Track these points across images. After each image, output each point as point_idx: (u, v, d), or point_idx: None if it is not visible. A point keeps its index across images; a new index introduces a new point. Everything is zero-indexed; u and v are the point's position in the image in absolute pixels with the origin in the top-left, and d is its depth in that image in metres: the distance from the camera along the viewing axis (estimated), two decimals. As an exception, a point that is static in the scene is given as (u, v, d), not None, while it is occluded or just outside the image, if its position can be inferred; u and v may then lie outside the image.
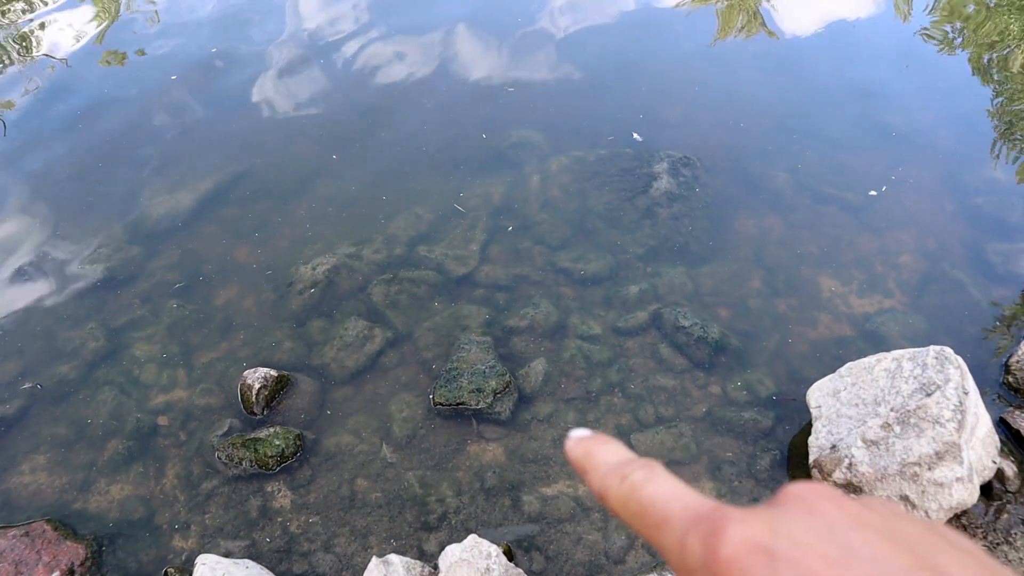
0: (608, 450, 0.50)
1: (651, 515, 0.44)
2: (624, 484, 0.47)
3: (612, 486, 0.47)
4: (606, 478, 0.48)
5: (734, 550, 0.39)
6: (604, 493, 0.48)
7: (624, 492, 0.46)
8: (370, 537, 3.16)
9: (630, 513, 0.46)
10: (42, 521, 3.23)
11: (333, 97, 5.70)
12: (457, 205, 4.60)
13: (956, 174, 4.66)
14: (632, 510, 0.46)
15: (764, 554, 0.39)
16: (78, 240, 4.59)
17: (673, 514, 0.44)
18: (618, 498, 0.47)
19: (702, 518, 0.42)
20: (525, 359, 3.78)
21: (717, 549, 0.40)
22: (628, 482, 0.46)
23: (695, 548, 0.41)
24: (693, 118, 5.24)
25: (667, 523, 0.44)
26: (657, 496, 0.45)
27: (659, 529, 0.44)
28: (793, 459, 3.30)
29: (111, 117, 5.63)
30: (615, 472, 0.48)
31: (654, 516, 0.44)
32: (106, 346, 3.97)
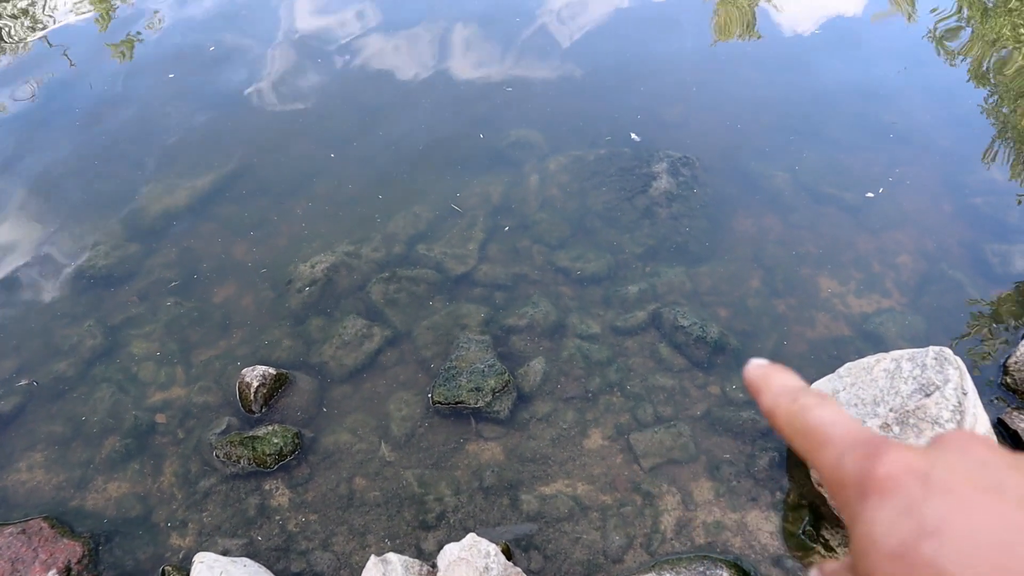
0: (786, 376, 0.53)
1: (815, 435, 0.47)
2: (794, 404, 0.50)
3: (783, 404, 0.50)
4: (779, 397, 0.51)
5: (890, 469, 0.42)
6: (774, 410, 0.51)
7: (793, 411, 0.49)
8: (368, 536, 3.16)
9: (794, 430, 0.49)
10: (39, 519, 3.22)
11: (332, 95, 5.69)
12: (454, 205, 4.60)
13: (954, 174, 4.67)
14: (797, 428, 0.49)
15: (919, 476, 0.41)
16: (76, 237, 4.58)
17: (836, 436, 0.46)
18: (787, 415, 0.50)
19: (863, 442, 0.45)
20: (524, 358, 3.78)
21: (874, 468, 0.43)
22: (799, 403, 0.50)
23: (852, 466, 0.44)
24: (692, 118, 5.24)
25: (829, 443, 0.46)
26: (824, 419, 0.48)
27: (820, 448, 0.47)
28: (792, 459, 3.30)
29: (109, 114, 5.61)
30: (788, 393, 0.51)
31: (818, 436, 0.47)
32: (104, 344, 3.97)
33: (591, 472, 3.33)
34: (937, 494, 0.40)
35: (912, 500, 0.40)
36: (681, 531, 3.11)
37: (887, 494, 0.41)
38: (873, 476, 0.42)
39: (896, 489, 0.41)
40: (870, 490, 0.42)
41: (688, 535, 3.10)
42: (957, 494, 0.39)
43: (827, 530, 3.05)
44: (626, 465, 3.35)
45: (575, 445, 3.43)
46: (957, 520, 0.38)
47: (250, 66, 6.04)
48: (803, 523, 3.08)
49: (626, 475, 3.31)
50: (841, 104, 5.30)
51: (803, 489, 3.18)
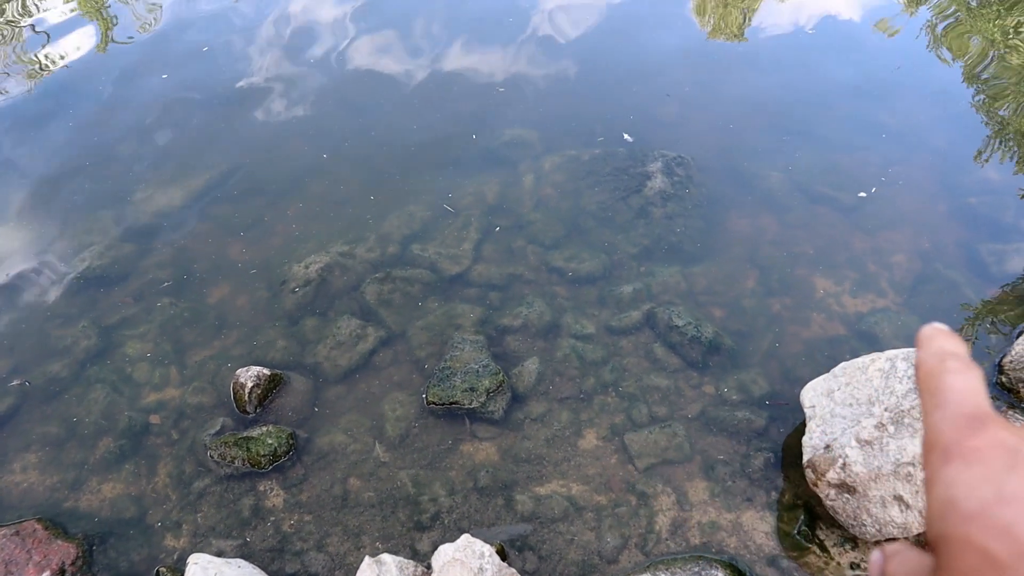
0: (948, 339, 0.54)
1: (940, 395, 0.49)
2: (939, 364, 0.51)
3: (930, 361, 0.52)
4: (931, 355, 0.53)
5: (982, 442, 0.44)
6: (921, 364, 0.53)
7: (933, 369, 0.51)
8: (363, 536, 3.15)
9: (926, 386, 0.51)
10: (33, 520, 3.21)
11: (326, 95, 5.68)
12: (447, 205, 4.59)
13: (949, 174, 4.67)
14: (928, 385, 0.51)
15: (1007, 451, 0.42)
16: (70, 237, 4.57)
17: (955, 401, 0.48)
18: (927, 371, 0.52)
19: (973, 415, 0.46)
20: (518, 358, 3.77)
21: (968, 438, 0.44)
22: (943, 365, 0.51)
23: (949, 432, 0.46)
24: (687, 117, 5.24)
25: (942, 407, 0.48)
26: (955, 385, 0.49)
27: (934, 408, 0.49)
28: (786, 459, 3.30)
29: (103, 115, 5.60)
30: (940, 354, 0.52)
31: (941, 397, 0.49)
32: (98, 344, 3.95)
33: (586, 472, 3.33)
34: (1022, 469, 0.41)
35: (996, 470, 0.42)
36: (676, 531, 3.11)
37: (972, 461, 0.43)
38: (963, 444, 0.44)
39: (982, 458, 0.42)
40: (954, 455, 0.44)
41: (683, 535, 3.10)
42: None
43: (822, 530, 3.05)
44: (621, 465, 3.35)
45: (570, 445, 3.43)
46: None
47: (244, 67, 6.03)
48: (798, 523, 3.08)
49: (621, 475, 3.31)
50: (835, 103, 5.30)
51: (798, 489, 3.18)
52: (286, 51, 6.19)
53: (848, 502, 2.91)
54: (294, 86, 5.78)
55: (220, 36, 6.45)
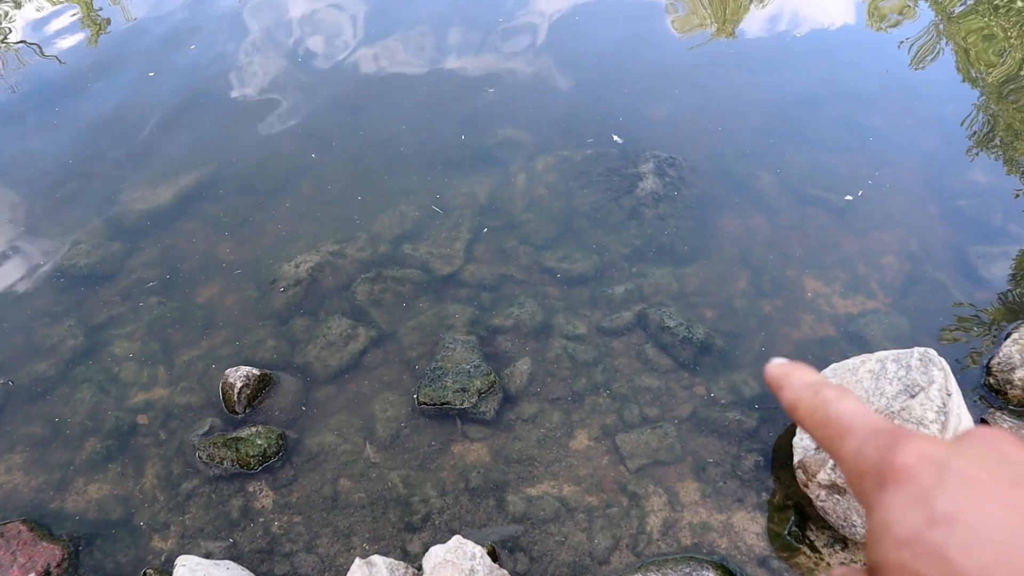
0: (806, 372, 0.55)
1: (835, 426, 0.49)
2: (816, 398, 0.51)
3: (804, 398, 0.52)
4: (801, 391, 0.53)
5: (908, 458, 0.43)
6: (796, 404, 0.53)
7: (814, 404, 0.51)
8: (353, 538, 3.13)
9: (815, 423, 0.51)
10: (18, 521, 3.17)
11: (317, 95, 5.65)
12: (435, 206, 4.57)
13: (938, 176, 4.69)
14: (818, 420, 0.50)
15: (936, 465, 0.41)
16: (57, 235, 4.52)
17: (856, 426, 0.47)
18: (807, 408, 0.51)
19: (883, 432, 0.46)
20: (510, 359, 3.76)
21: (893, 457, 0.43)
22: (820, 396, 0.51)
23: (871, 455, 0.45)
24: (678, 118, 5.24)
25: (849, 434, 0.47)
26: (844, 411, 0.49)
27: (840, 439, 0.48)
28: (777, 459, 3.31)
29: (90, 111, 5.55)
30: (809, 388, 0.52)
31: (837, 427, 0.48)
32: (84, 343, 3.92)
33: (577, 473, 3.32)
34: (952, 484, 0.40)
35: (925, 489, 0.41)
36: (667, 532, 3.11)
37: (902, 482, 0.42)
38: (891, 465, 0.43)
39: (911, 478, 0.42)
40: (887, 479, 0.43)
41: (674, 536, 3.09)
42: (972, 485, 0.40)
43: (812, 531, 3.05)
44: (612, 466, 3.34)
45: (561, 446, 3.42)
46: (969, 511, 0.39)
47: (234, 66, 5.99)
48: (789, 524, 3.09)
49: (612, 476, 3.31)
50: (825, 106, 5.32)
51: (789, 490, 3.18)
52: (277, 51, 6.16)
53: (839, 503, 2.91)
54: (285, 86, 5.75)
55: (208, 35, 6.40)
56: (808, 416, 0.51)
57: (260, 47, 6.20)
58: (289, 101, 5.58)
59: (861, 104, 5.31)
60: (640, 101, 5.41)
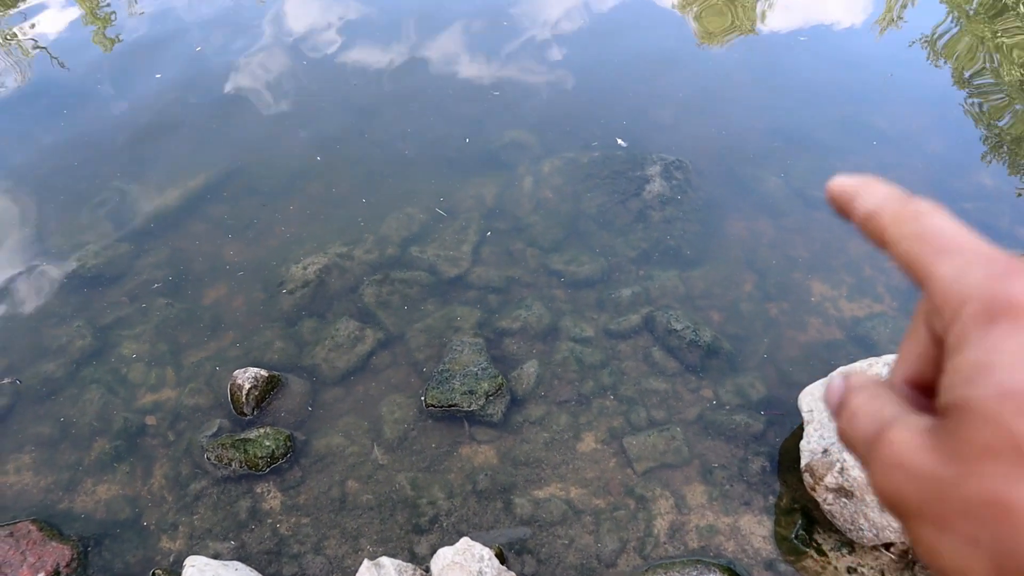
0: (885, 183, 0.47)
1: (933, 240, 0.41)
2: (908, 208, 0.43)
3: (892, 206, 0.44)
4: (886, 199, 0.45)
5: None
6: (879, 212, 0.44)
7: (906, 213, 0.43)
8: (361, 539, 3.14)
9: (905, 234, 0.42)
10: (27, 521, 3.19)
11: (324, 97, 5.66)
12: (439, 209, 4.58)
13: (945, 179, 4.70)
14: (910, 231, 0.42)
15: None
16: (65, 236, 4.54)
17: (961, 245, 0.40)
18: (896, 216, 0.43)
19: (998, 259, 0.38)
20: (517, 361, 3.77)
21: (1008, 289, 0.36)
22: (913, 207, 0.43)
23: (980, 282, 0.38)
24: (685, 121, 5.25)
25: (952, 251, 0.40)
26: (946, 226, 0.41)
27: (938, 256, 0.40)
28: (784, 463, 3.31)
29: (98, 112, 5.57)
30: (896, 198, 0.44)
31: (937, 242, 0.41)
32: (93, 344, 3.93)
33: (584, 476, 3.33)
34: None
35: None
36: (674, 535, 3.11)
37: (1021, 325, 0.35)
38: (1008, 299, 0.36)
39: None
40: (1000, 313, 0.36)
41: (681, 539, 3.10)
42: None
43: (820, 534, 3.06)
44: (619, 469, 3.35)
45: (568, 449, 3.43)
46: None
47: (240, 68, 6.01)
48: (796, 527, 3.09)
49: (619, 479, 3.31)
50: (831, 108, 5.32)
51: (796, 493, 3.19)
52: (283, 53, 6.17)
53: (846, 506, 2.92)
54: (292, 88, 5.77)
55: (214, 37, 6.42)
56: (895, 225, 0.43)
57: (267, 50, 6.21)
58: (297, 104, 5.60)
59: (868, 106, 5.31)
60: (646, 104, 5.42)
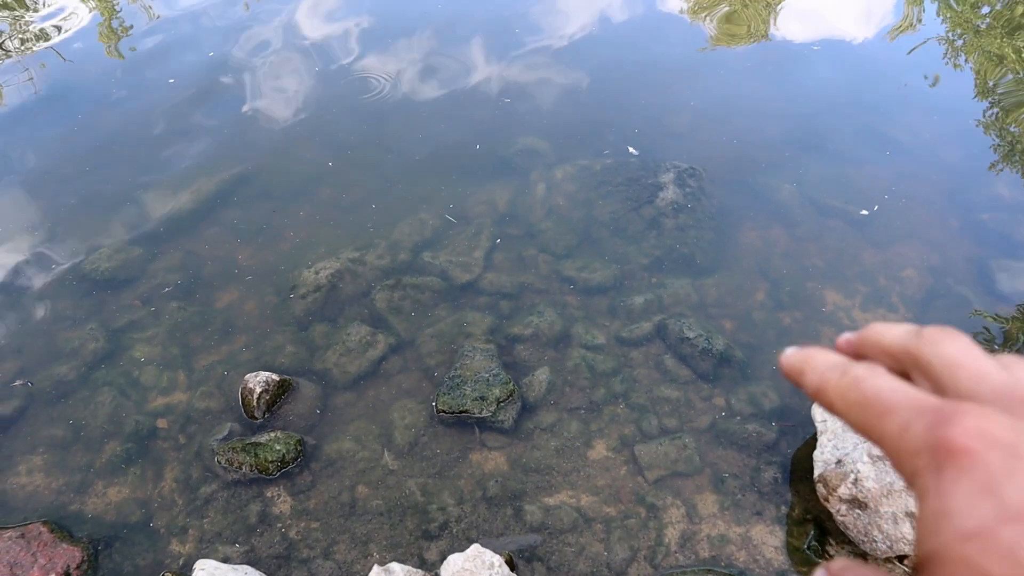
0: (827, 353, 0.51)
1: (874, 405, 0.44)
2: (846, 377, 0.47)
3: (832, 379, 0.48)
4: (826, 373, 0.48)
5: (970, 440, 0.38)
6: (823, 387, 0.48)
7: (845, 384, 0.47)
8: (370, 545, 3.13)
9: (849, 403, 0.46)
10: (38, 523, 3.19)
11: (337, 103, 5.68)
12: (449, 216, 4.58)
13: (961, 189, 4.66)
14: (852, 400, 0.46)
15: (1003, 448, 0.37)
16: (79, 240, 4.56)
17: (899, 403, 0.43)
18: (838, 389, 0.47)
19: (932, 408, 0.41)
20: (529, 368, 3.76)
21: (950, 436, 0.39)
22: (851, 376, 0.47)
23: (921, 434, 0.40)
24: (698, 129, 5.24)
25: (892, 412, 0.43)
26: (882, 388, 0.44)
27: (882, 418, 0.43)
28: (797, 473, 3.28)
29: (112, 117, 5.60)
30: (836, 368, 0.48)
31: (877, 406, 0.44)
32: (106, 347, 3.94)
33: (595, 483, 3.31)
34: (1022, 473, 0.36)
35: (994, 476, 0.36)
36: (685, 544, 3.09)
37: (965, 468, 0.37)
38: (948, 446, 0.38)
39: (975, 462, 0.37)
40: (945, 461, 0.38)
41: (692, 548, 3.08)
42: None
43: (832, 545, 3.03)
44: (630, 477, 3.33)
45: (579, 456, 3.41)
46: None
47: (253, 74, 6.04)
48: (808, 538, 3.06)
49: (630, 487, 3.29)
50: (846, 117, 5.30)
51: (808, 504, 3.16)
52: (297, 59, 6.20)
53: (859, 518, 2.89)
54: (305, 94, 5.79)
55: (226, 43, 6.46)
56: (840, 398, 0.46)
57: (282, 57, 6.24)
58: (311, 109, 5.61)
59: (882, 116, 5.28)
60: (660, 111, 5.41)
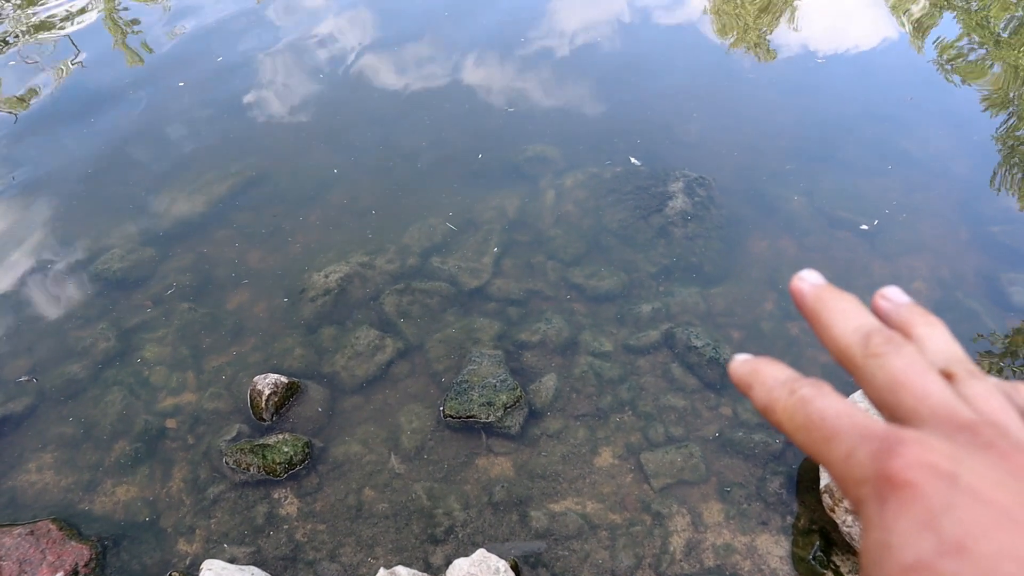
0: (776, 367, 0.49)
1: (819, 429, 0.43)
2: (793, 397, 0.45)
3: (780, 399, 0.46)
4: (773, 391, 0.47)
5: (910, 471, 0.38)
6: (771, 406, 0.47)
7: (792, 404, 0.45)
8: (376, 548, 3.15)
9: (796, 425, 0.45)
10: (47, 520, 3.22)
11: (349, 109, 5.72)
12: (449, 224, 4.59)
13: (971, 202, 4.66)
14: (799, 423, 0.44)
15: (943, 479, 0.37)
16: (92, 240, 4.60)
17: (843, 429, 0.42)
18: (785, 410, 0.45)
19: (875, 435, 0.41)
20: (536, 374, 3.77)
21: (891, 467, 0.38)
22: (797, 396, 0.45)
23: (864, 463, 0.40)
24: (708, 138, 5.25)
25: (836, 437, 0.42)
26: (827, 411, 0.43)
27: (827, 443, 0.43)
28: (803, 483, 3.28)
29: (125, 119, 5.65)
30: (783, 386, 0.46)
31: (822, 430, 0.43)
32: (116, 347, 3.97)
33: (601, 490, 3.32)
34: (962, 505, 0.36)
35: (933, 509, 0.36)
36: (690, 553, 3.09)
37: (906, 501, 0.37)
38: (889, 477, 0.38)
39: (915, 495, 0.37)
40: (886, 493, 0.38)
41: (697, 557, 3.08)
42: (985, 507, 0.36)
43: (838, 556, 3.02)
44: (636, 484, 3.34)
45: (585, 463, 3.42)
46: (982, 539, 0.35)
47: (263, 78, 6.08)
48: (813, 548, 3.06)
49: (636, 494, 3.30)
50: (856, 129, 5.30)
51: (814, 514, 3.16)
52: (306, 64, 6.24)
53: (866, 529, 2.88)
54: (316, 99, 5.82)
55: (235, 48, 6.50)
56: (787, 419, 0.45)
57: (291, 61, 6.28)
58: (323, 115, 5.65)
59: (892, 127, 5.29)
60: (671, 120, 5.42)
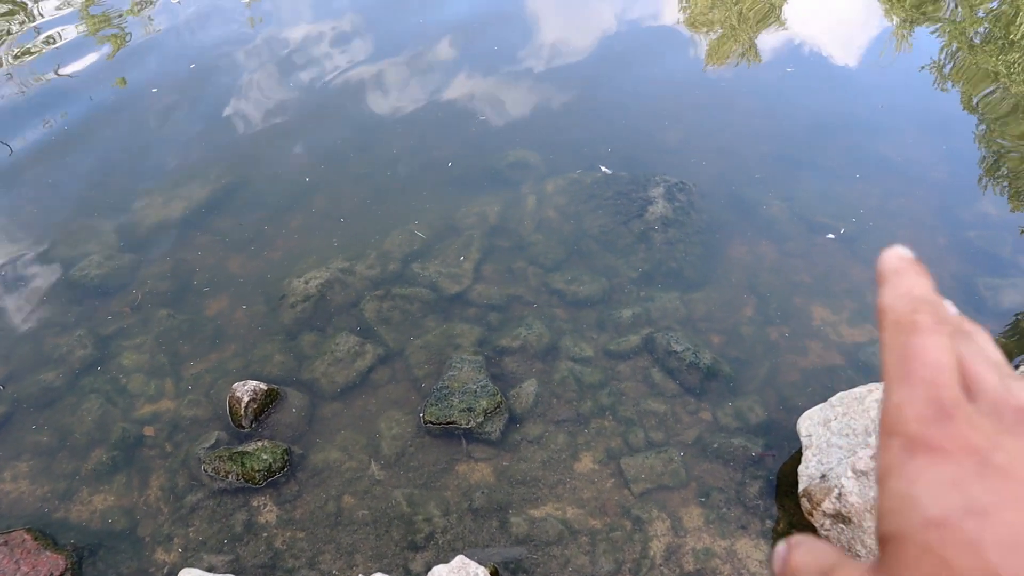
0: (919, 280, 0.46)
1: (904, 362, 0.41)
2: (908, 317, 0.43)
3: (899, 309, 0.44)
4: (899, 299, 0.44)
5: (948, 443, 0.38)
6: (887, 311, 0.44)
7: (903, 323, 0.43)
8: (356, 555, 3.13)
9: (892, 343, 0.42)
10: (22, 530, 3.18)
11: (330, 116, 5.70)
12: (417, 231, 4.58)
13: (949, 208, 4.71)
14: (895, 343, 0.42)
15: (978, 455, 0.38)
16: (69, 246, 4.56)
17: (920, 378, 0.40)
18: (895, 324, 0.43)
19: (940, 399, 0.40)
20: (516, 379, 3.77)
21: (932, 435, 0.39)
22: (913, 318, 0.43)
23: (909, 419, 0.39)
24: (689, 144, 5.28)
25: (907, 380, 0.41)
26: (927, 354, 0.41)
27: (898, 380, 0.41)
28: (781, 487, 3.30)
29: (103, 125, 5.61)
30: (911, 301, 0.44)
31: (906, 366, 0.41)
32: (93, 354, 3.94)
33: (581, 496, 3.32)
34: (993, 478, 0.37)
35: (964, 475, 0.37)
36: (670, 557, 3.10)
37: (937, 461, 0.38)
38: (927, 441, 0.38)
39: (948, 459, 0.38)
40: (919, 449, 0.38)
41: (677, 561, 3.08)
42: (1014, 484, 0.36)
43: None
44: (616, 490, 3.34)
45: (566, 468, 3.42)
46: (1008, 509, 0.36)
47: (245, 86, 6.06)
48: (793, 552, 3.07)
49: (616, 500, 3.30)
50: (836, 134, 5.35)
51: (793, 518, 3.17)
52: (288, 72, 6.23)
53: (843, 532, 2.90)
54: (299, 105, 5.81)
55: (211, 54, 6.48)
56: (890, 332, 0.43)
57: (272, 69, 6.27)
58: (304, 121, 5.64)
59: (871, 134, 5.33)
60: (651, 126, 5.45)
